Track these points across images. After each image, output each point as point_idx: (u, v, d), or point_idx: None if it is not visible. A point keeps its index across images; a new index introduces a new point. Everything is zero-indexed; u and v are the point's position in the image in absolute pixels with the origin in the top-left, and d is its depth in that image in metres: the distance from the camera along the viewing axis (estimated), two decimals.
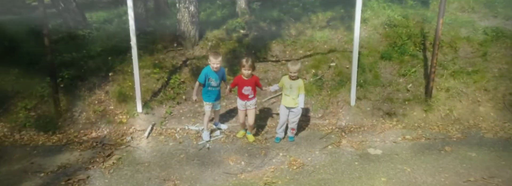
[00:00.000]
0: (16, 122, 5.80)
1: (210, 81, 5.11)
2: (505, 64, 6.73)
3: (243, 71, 5.02)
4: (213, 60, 4.99)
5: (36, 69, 7.16)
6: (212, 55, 5.06)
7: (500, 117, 5.88)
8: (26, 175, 4.57)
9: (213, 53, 5.10)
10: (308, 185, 4.31)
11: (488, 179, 4.33)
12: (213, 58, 5.00)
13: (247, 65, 4.95)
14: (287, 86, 5.14)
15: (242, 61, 5.02)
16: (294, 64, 5.13)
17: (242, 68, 5.00)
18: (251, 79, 5.15)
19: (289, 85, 5.12)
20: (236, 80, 5.18)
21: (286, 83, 5.15)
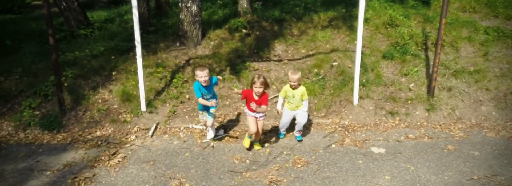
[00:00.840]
0: (20, 120, 5.83)
1: (204, 95, 4.93)
2: (506, 63, 6.79)
3: (254, 89, 4.63)
4: (200, 73, 4.70)
5: (39, 68, 7.20)
6: (198, 69, 4.76)
7: (502, 116, 5.94)
8: (32, 173, 4.59)
9: (199, 67, 4.83)
10: (313, 183, 4.34)
11: (491, 177, 4.37)
12: (200, 71, 4.71)
13: (258, 82, 4.55)
14: (290, 95, 5.05)
15: (253, 78, 4.63)
16: (294, 73, 4.97)
17: (253, 85, 4.62)
18: (262, 98, 4.79)
19: (292, 94, 5.03)
20: (245, 94, 4.82)
21: (288, 92, 5.06)
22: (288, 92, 5.08)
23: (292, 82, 4.96)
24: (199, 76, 4.71)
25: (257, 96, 4.70)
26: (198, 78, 4.73)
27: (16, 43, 9.06)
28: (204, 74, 4.70)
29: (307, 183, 4.32)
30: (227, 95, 6.57)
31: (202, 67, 4.86)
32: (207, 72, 4.75)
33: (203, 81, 4.71)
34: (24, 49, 8.55)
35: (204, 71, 4.72)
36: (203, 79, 4.70)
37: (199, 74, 4.72)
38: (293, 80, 4.93)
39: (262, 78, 4.59)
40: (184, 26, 7.69)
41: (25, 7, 17.03)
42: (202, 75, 4.70)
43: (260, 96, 4.73)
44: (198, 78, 4.74)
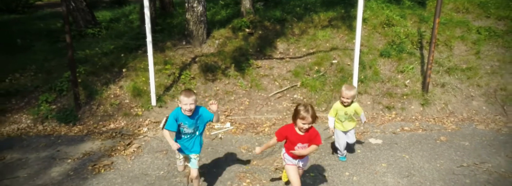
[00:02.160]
0: (38, 114, 6.19)
1: (182, 127, 3.75)
2: (497, 61, 7.21)
3: (300, 124, 3.41)
4: (186, 99, 3.57)
5: (52, 65, 7.58)
6: (183, 93, 3.62)
7: (492, 111, 6.35)
8: (54, 161, 4.96)
9: (185, 91, 3.65)
10: (316, 170, 4.73)
11: (479, 164, 4.77)
12: (185, 97, 3.57)
13: (308, 117, 3.34)
14: (342, 114, 4.57)
15: (299, 110, 3.41)
16: (349, 88, 4.40)
17: (299, 120, 3.41)
18: (309, 133, 3.54)
19: (344, 112, 4.55)
20: (285, 131, 3.61)
21: (341, 111, 4.56)
22: (339, 111, 4.56)
23: (345, 99, 4.43)
24: (183, 102, 3.58)
25: (302, 132, 3.50)
26: (182, 105, 3.62)
27: (26, 42, 9.44)
28: (190, 101, 3.57)
29: (310, 170, 4.71)
30: (232, 91, 6.95)
31: (188, 91, 3.64)
32: (194, 99, 3.60)
33: (188, 110, 3.59)
34: (35, 48, 8.93)
35: (191, 98, 3.58)
36: (188, 107, 3.58)
37: (184, 100, 3.58)
38: (348, 97, 4.40)
39: (312, 109, 3.40)
40: (190, 25, 8.07)
41: (29, 7, 17.37)
42: (188, 102, 3.57)
43: (307, 131, 3.50)
44: (181, 105, 3.63)
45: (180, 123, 3.72)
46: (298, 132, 3.55)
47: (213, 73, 7.30)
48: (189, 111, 3.62)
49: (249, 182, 4.43)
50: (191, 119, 3.73)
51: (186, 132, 3.80)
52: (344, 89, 4.45)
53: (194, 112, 3.70)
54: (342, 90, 4.49)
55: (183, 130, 3.79)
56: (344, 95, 4.44)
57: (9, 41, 9.55)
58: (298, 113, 3.42)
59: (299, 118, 3.41)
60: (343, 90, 4.46)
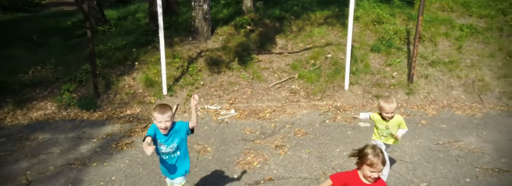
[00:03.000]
0: (61, 102, 6.92)
1: (159, 145, 3.40)
2: (476, 55, 7.98)
3: (367, 172, 2.85)
4: (160, 117, 3.21)
5: (70, 59, 8.30)
6: (156, 109, 3.26)
7: (469, 99, 7.12)
8: (81, 140, 5.69)
9: (158, 107, 3.29)
10: (310, 147, 5.48)
11: (453, 142, 5.53)
12: (159, 114, 3.22)
13: (378, 163, 2.80)
14: (382, 128, 4.20)
15: (367, 154, 2.85)
16: (389, 101, 3.99)
17: (366, 166, 2.84)
18: (377, 184, 2.94)
19: (385, 126, 4.18)
20: (346, 178, 3.02)
21: (380, 125, 4.20)
22: (378, 124, 4.20)
23: (387, 114, 4.01)
24: (158, 120, 3.24)
25: (369, 180, 2.93)
26: (156, 123, 3.29)
27: (41, 38, 10.15)
28: (164, 118, 3.23)
29: (306, 147, 5.46)
30: (236, 82, 7.70)
31: (163, 107, 3.29)
32: (169, 116, 3.25)
33: (163, 128, 3.26)
34: (50, 44, 9.66)
35: (165, 114, 3.23)
36: (163, 125, 3.24)
37: (158, 117, 3.23)
38: (390, 111, 3.99)
39: (382, 154, 2.87)
40: (195, 22, 8.80)
41: (34, 6, 18.06)
42: (162, 119, 3.23)
43: (375, 181, 2.92)
44: (155, 122, 3.30)
45: (157, 140, 3.35)
46: (364, 180, 2.92)
47: (218, 66, 8.04)
48: (165, 130, 3.27)
49: (253, 156, 5.17)
50: (167, 138, 3.36)
51: (164, 151, 3.43)
52: (384, 104, 3.96)
53: (170, 129, 3.35)
54: (381, 105, 3.99)
55: (160, 148, 3.41)
56: (386, 110, 3.97)
57: (25, 37, 10.27)
58: (366, 157, 2.84)
59: (367, 164, 2.82)
60: (383, 106, 3.96)
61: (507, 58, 7.82)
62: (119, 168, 4.88)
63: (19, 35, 10.71)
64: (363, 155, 2.88)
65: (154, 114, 3.26)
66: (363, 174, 2.89)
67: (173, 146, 3.43)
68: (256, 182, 4.54)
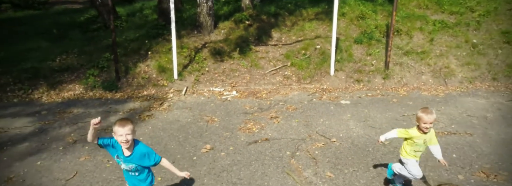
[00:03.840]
0: (87, 84, 8.15)
1: (119, 159, 3.34)
2: (445, 47, 9.28)
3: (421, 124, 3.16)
4: (120, 130, 3.15)
5: (90, 49, 9.53)
6: (117, 123, 3.20)
7: (436, 83, 8.41)
8: (109, 113, 6.93)
9: (119, 121, 3.22)
10: (299, 118, 6.73)
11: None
12: (119, 127, 3.16)
13: None
14: (420, 142, 3.87)
15: None
16: (428, 112, 3.72)
17: None
18: None
19: (422, 141, 3.87)
20: None
21: (419, 140, 3.86)
22: (416, 139, 3.86)
23: (428, 125, 3.73)
24: (118, 133, 3.16)
25: None
26: (117, 137, 3.20)
27: (60, 32, 11.38)
28: (125, 131, 3.16)
29: (295, 118, 6.72)
30: (236, 69, 8.95)
31: (124, 121, 3.22)
32: (130, 129, 3.18)
33: (124, 141, 3.17)
34: (69, 37, 10.88)
35: (126, 127, 3.16)
36: (124, 138, 3.16)
37: (119, 131, 3.16)
38: (429, 121, 3.70)
39: None
40: (200, 18, 10.05)
41: (43, 4, 19.25)
42: (123, 132, 3.15)
43: None
44: (115, 137, 3.21)
45: (116, 155, 3.31)
46: None
47: (220, 55, 9.30)
48: (126, 143, 3.18)
49: (252, 124, 6.43)
50: (126, 157, 3.29)
51: (123, 167, 3.39)
52: (423, 115, 3.73)
53: (132, 147, 3.30)
54: (419, 116, 3.76)
55: (119, 162, 3.35)
56: (425, 120, 3.71)
57: (45, 31, 11.50)
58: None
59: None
60: (422, 116, 3.73)
61: (471, 49, 9.12)
62: (144, 132, 6.12)
63: (38, 29, 11.93)
64: None
65: (115, 128, 3.15)
66: None
67: (132, 166, 3.35)
68: (255, 141, 5.80)
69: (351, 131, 6.12)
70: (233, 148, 5.59)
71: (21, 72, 8.46)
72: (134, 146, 3.31)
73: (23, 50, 9.82)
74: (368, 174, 4.82)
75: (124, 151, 3.29)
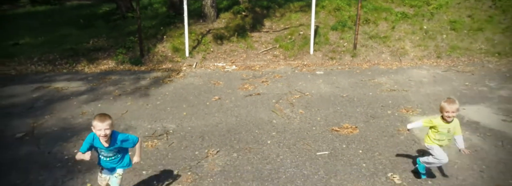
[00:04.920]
0: (117, 60, 10.46)
1: (100, 151, 3.76)
2: (403, 33, 11.67)
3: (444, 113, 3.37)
4: (99, 124, 3.48)
5: (115, 34, 11.85)
6: (96, 118, 3.53)
7: (392, 60, 10.80)
8: (138, 79, 9.24)
9: (98, 116, 3.55)
10: (283, 82, 9.06)
11: (371, 80, 9.17)
12: (99, 123, 3.49)
13: None
14: (444, 131, 4.22)
15: None
16: (452, 102, 4.05)
17: None
18: None
19: (447, 130, 4.21)
20: None
21: (443, 129, 4.21)
22: (441, 128, 4.22)
23: (450, 113, 4.07)
24: (97, 128, 3.49)
25: None
26: (96, 131, 3.53)
27: (86, 22, 13.67)
28: (104, 126, 3.49)
29: (280, 82, 9.06)
30: (235, 50, 11.29)
31: (103, 116, 3.55)
32: (108, 124, 3.51)
33: (103, 135, 3.52)
34: (95, 26, 13.18)
35: (105, 123, 3.50)
36: (103, 133, 3.49)
37: (98, 125, 3.49)
38: (453, 111, 4.05)
39: None
40: (205, 9, 12.38)
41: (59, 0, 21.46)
42: (102, 127, 3.48)
43: None
44: (95, 131, 3.54)
45: (97, 147, 3.66)
46: None
47: (222, 39, 11.63)
48: (105, 137, 3.51)
49: (248, 85, 8.77)
50: (107, 148, 3.66)
51: (105, 155, 3.75)
52: (445, 104, 4.07)
53: (111, 138, 3.63)
54: (442, 105, 4.10)
55: (101, 153, 3.74)
56: (447, 109, 4.04)
57: (72, 22, 13.79)
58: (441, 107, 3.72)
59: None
60: (444, 105, 4.07)
61: (423, 34, 11.53)
62: (168, 90, 8.46)
63: (64, 20, 14.22)
64: None
65: (94, 123, 3.45)
66: None
67: (112, 153, 3.77)
68: (250, 95, 8.15)
69: (320, 89, 8.49)
70: (235, 98, 7.94)
71: (63, 51, 10.76)
72: (111, 137, 3.63)
73: (58, 36, 12.11)
74: (327, 112, 7.19)
75: (103, 144, 3.60)
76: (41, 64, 10.17)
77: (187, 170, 5.15)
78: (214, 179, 4.92)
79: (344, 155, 5.52)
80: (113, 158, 3.82)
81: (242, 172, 5.08)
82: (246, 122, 6.71)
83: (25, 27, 13.50)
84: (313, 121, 6.77)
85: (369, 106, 7.39)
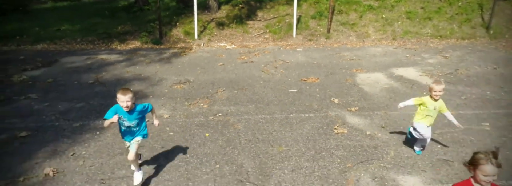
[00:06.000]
0: (142, 41, 13.54)
1: (122, 120, 4.39)
2: (368, 20, 14.81)
3: (481, 176, 2.96)
4: (122, 97, 4.19)
5: (137, 22, 14.95)
6: (120, 91, 4.23)
7: (358, 41, 13.92)
8: (160, 53, 12.33)
9: (121, 90, 4.26)
10: (271, 55, 12.15)
11: (338, 54, 12.29)
12: (122, 95, 4.19)
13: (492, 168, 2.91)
14: (431, 108, 5.03)
15: (479, 159, 2.96)
16: (439, 82, 4.88)
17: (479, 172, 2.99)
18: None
19: (433, 107, 5.04)
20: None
21: (430, 106, 5.04)
22: (429, 105, 4.99)
23: (438, 92, 4.89)
24: (121, 100, 4.22)
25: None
26: (119, 102, 4.26)
27: (110, 13, 16.74)
28: (126, 99, 4.20)
29: (269, 55, 12.15)
30: (234, 34, 14.39)
31: (125, 90, 4.27)
32: (130, 97, 4.22)
33: (125, 106, 4.23)
34: (118, 16, 16.26)
35: (127, 96, 4.21)
36: (125, 104, 4.21)
37: (121, 98, 4.21)
38: (439, 90, 4.87)
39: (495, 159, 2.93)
40: (209, 2, 15.48)
41: None
42: (124, 99, 4.20)
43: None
44: (119, 102, 4.26)
45: (120, 116, 4.30)
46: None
47: (223, 26, 14.74)
48: (126, 108, 4.25)
49: (244, 57, 11.87)
50: (130, 115, 4.38)
51: (126, 125, 4.43)
52: (433, 85, 4.87)
53: (132, 109, 4.37)
54: (431, 86, 4.89)
55: (122, 123, 4.41)
56: (435, 89, 4.86)
57: (97, 13, 16.87)
58: (478, 162, 2.96)
59: (479, 169, 2.96)
60: (433, 86, 4.86)
61: (383, 22, 14.68)
62: (184, 60, 11.54)
63: (91, 12, 17.30)
64: (475, 161, 2.98)
65: (118, 96, 4.21)
66: (478, 179, 2.98)
67: (135, 122, 4.46)
68: (246, 62, 11.24)
69: (298, 59, 11.61)
70: (234, 64, 11.04)
71: (98, 34, 13.84)
72: (133, 108, 4.39)
73: (91, 24, 15.18)
74: (300, 71, 10.30)
75: (126, 113, 4.35)
76: (83, 43, 13.25)
77: (205, 98, 8.23)
78: (223, 102, 8.00)
79: (307, 91, 8.63)
80: (133, 128, 4.57)
81: (240, 99, 8.17)
82: (243, 76, 9.80)
83: (60, 18, 16.54)
84: (289, 76, 9.88)
85: (331, 68, 10.51)
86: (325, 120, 6.99)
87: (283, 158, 5.66)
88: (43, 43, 13.03)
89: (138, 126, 4.59)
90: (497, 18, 14.48)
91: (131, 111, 4.39)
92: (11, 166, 5.36)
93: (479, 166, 2.95)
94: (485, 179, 2.94)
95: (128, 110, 4.34)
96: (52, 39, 13.37)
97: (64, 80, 9.31)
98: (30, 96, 8.16)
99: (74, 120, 6.95)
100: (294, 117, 7.16)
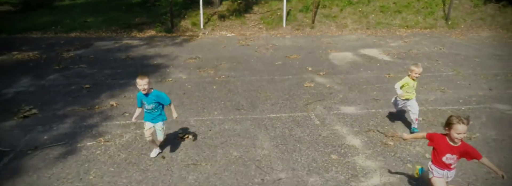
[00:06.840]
0: (156, 30, 16.37)
1: (143, 103, 5.27)
2: (347, 14, 17.64)
3: (454, 134, 3.69)
4: (140, 81, 4.99)
5: (151, 15, 17.80)
6: (139, 76, 5.05)
7: (337, 30, 16.71)
8: (173, 40, 15.14)
9: (140, 75, 5.10)
10: (264, 41, 14.96)
11: (320, 39, 15.13)
12: (140, 80, 4.99)
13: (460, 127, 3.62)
14: (411, 86, 6.17)
15: (452, 120, 3.70)
16: (418, 66, 5.99)
17: (452, 130, 3.70)
18: (462, 147, 3.76)
19: (413, 85, 6.17)
20: (437, 138, 3.90)
21: (410, 83, 6.15)
22: (410, 83, 6.15)
23: (416, 74, 6.00)
24: (138, 84, 5.02)
25: (454, 142, 3.75)
26: (138, 86, 5.06)
27: (127, 7, 19.58)
28: (143, 83, 4.99)
29: (264, 40, 14.95)
30: (234, 24, 17.23)
31: (143, 75, 5.08)
32: (147, 81, 4.99)
33: (142, 89, 5.02)
34: (133, 10, 19.10)
35: (144, 80, 4.99)
36: (142, 87, 5.00)
37: (139, 82, 5.01)
38: (419, 72, 6.00)
39: (467, 121, 3.62)
40: None
41: None
42: (142, 83, 4.99)
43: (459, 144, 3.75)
44: (137, 86, 5.08)
45: (142, 100, 5.25)
46: (450, 142, 3.79)
47: (224, 18, 17.57)
48: (144, 90, 5.05)
49: (242, 41, 14.71)
50: (147, 98, 5.18)
51: (147, 108, 5.28)
52: (414, 68, 5.99)
53: (149, 92, 5.18)
54: (412, 69, 6.02)
55: (145, 106, 5.29)
56: (416, 72, 5.99)
57: (115, 8, 19.71)
58: (451, 123, 3.67)
59: (452, 129, 3.66)
60: (414, 69, 5.99)
61: (360, 14, 17.50)
62: (193, 44, 14.37)
63: (109, 8, 20.14)
64: (449, 122, 3.71)
65: (137, 80, 5.05)
66: (450, 137, 3.77)
67: (152, 106, 5.27)
68: (243, 45, 14.07)
69: (286, 43, 14.44)
70: (234, 47, 13.86)
71: (119, 25, 16.67)
72: (150, 92, 5.20)
73: (111, 17, 18.01)
74: (286, 51, 13.12)
75: (145, 96, 5.22)
76: (108, 32, 16.09)
77: (212, 67, 11.05)
78: (225, 70, 10.81)
79: (289, 64, 11.46)
80: (153, 111, 5.33)
81: (238, 68, 10.99)
82: (240, 54, 12.63)
83: (84, 12, 19.36)
84: (277, 54, 12.71)
85: (311, 49, 13.34)
86: (299, 80, 9.82)
87: (266, 98, 8.49)
88: (75, 32, 15.86)
89: (156, 110, 5.34)
90: (456, 12, 17.36)
91: (148, 94, 5.18)
92: (87, 101, 8.20)
93: (453, 125, 3.68)
94: (457, 136, 3.67)
95: (145, 92, 5.14)
96: (82, 29, 16.20)
97: (103, 57, 12.14)
98: (81, 66, 11.00)
99: (119, 79, 9.79)
100: (277, 78, 9.98)
